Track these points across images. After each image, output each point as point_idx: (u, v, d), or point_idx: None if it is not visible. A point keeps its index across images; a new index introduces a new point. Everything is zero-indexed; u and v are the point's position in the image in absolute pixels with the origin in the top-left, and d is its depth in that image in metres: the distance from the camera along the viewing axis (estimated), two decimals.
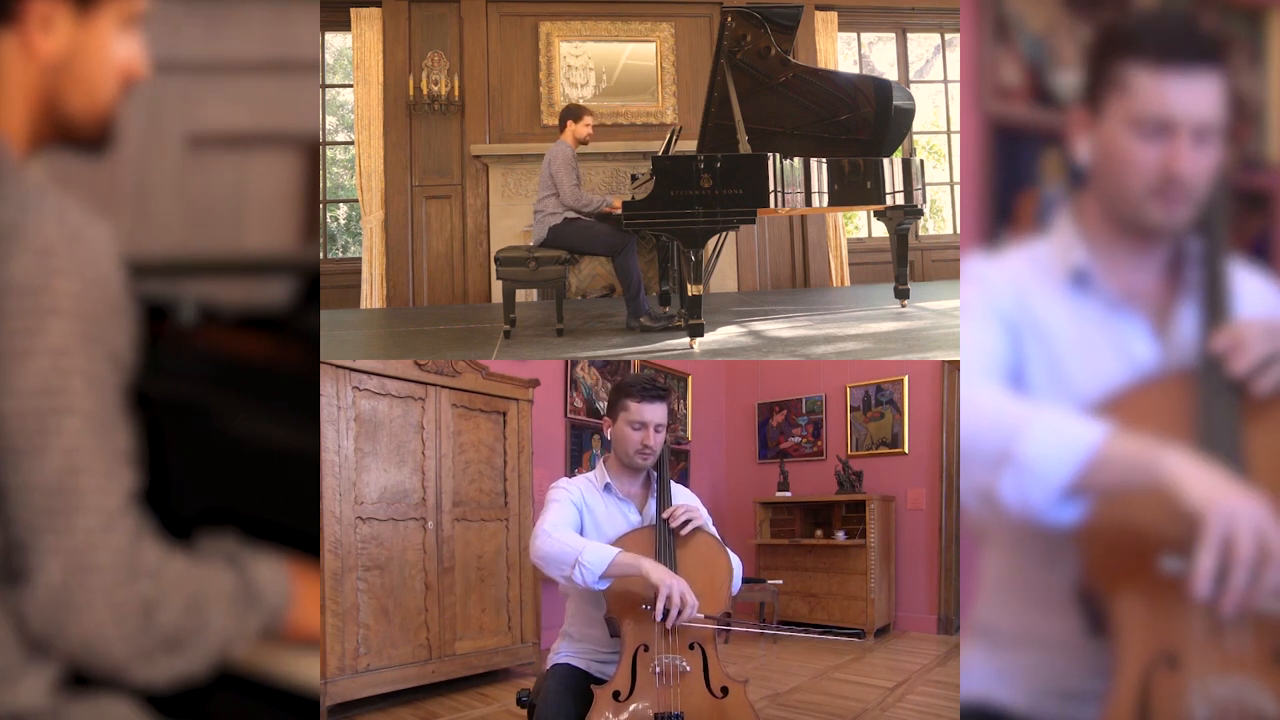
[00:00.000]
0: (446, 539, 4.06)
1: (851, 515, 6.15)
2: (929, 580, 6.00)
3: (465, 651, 4.12)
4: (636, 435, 2.06)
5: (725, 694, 1.90)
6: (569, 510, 2.04)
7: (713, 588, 1.98)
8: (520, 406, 4.53)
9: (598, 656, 2.05)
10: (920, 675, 4.55)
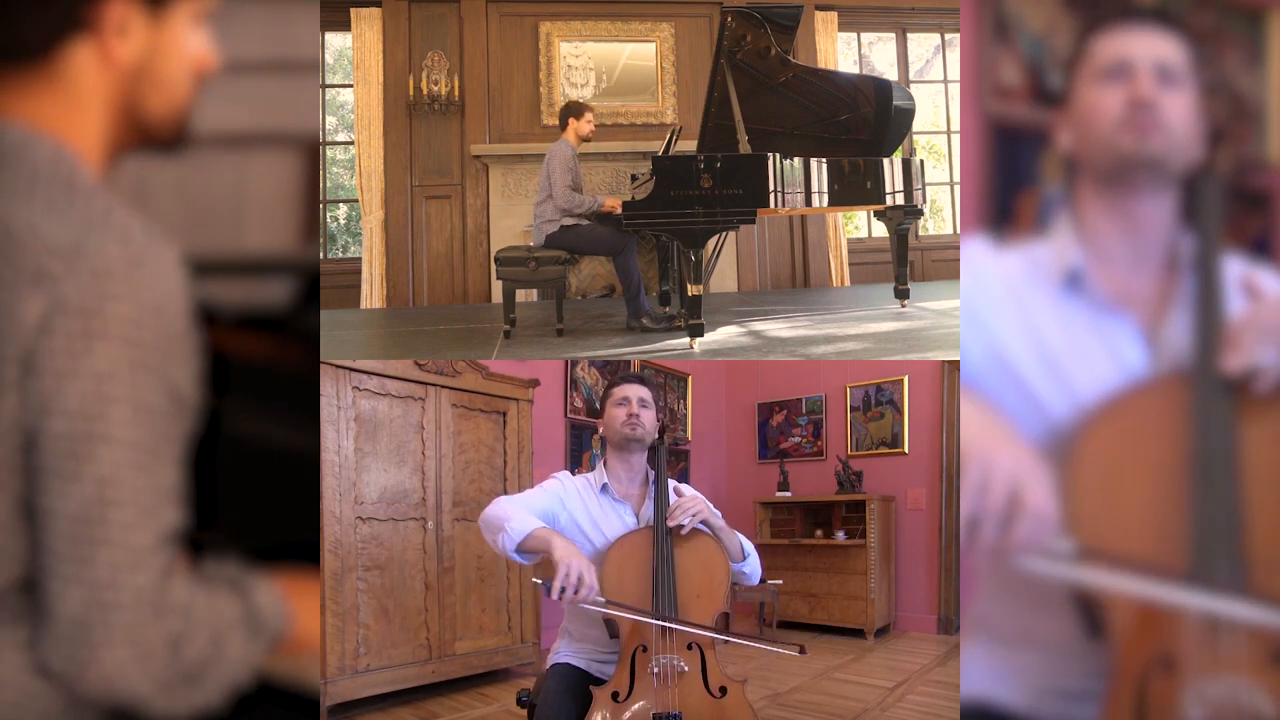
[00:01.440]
0: (446, 539, 4.06)
1: (851, 515, 6.15)
2: (929, 580, 6.00)
3: (465, 651, 4.12)
4: (621, 410, 2.12)
5: (724, 694, 1.90)
6: (543, 498, 2.08)
7: (710, 588, 1.99)
8: (520, 406, 4.53)
9: (597, 656, 2.05)
10: (920, 675, 4.55)
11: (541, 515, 2.03)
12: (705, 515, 2.02)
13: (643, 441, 2.12)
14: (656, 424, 2.15)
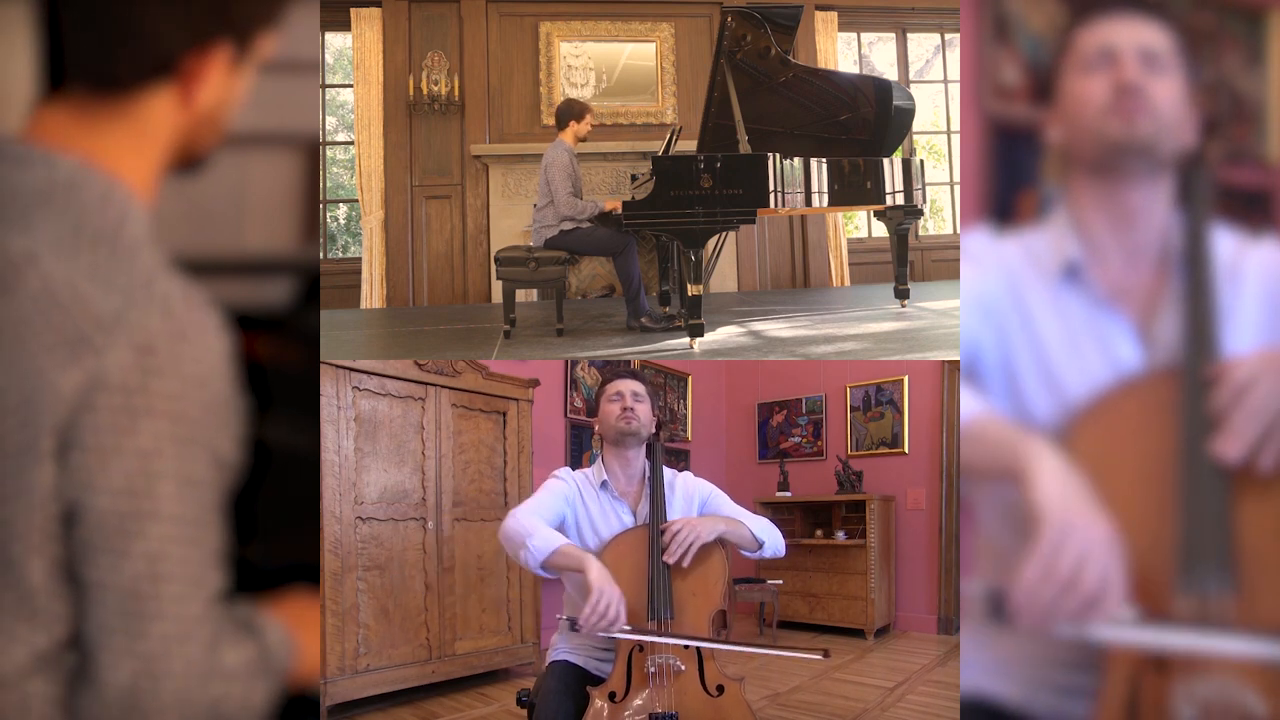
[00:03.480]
0: (446, 539, 4.07)
1: (851, 515, 6.15)
2: (929, 580, 6.00)
3: (465, 651, 4.13)
4: (615, 405, 2.13)
5: (721, 693, 1.90)
6: (552, 501, 2.08)
7: (706, 587, 1.99)
8: (520, 406, 4.54)
9: (595, 654, 2.05)
10: (920, 675, 4.56)
11: (554, 521, 2.04)
12: (701, 538, 1.98)
13: (638, 435, 2.12)
14: (652, 419, 2.15)
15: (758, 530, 2.09)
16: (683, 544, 1.95)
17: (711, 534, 2.00)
